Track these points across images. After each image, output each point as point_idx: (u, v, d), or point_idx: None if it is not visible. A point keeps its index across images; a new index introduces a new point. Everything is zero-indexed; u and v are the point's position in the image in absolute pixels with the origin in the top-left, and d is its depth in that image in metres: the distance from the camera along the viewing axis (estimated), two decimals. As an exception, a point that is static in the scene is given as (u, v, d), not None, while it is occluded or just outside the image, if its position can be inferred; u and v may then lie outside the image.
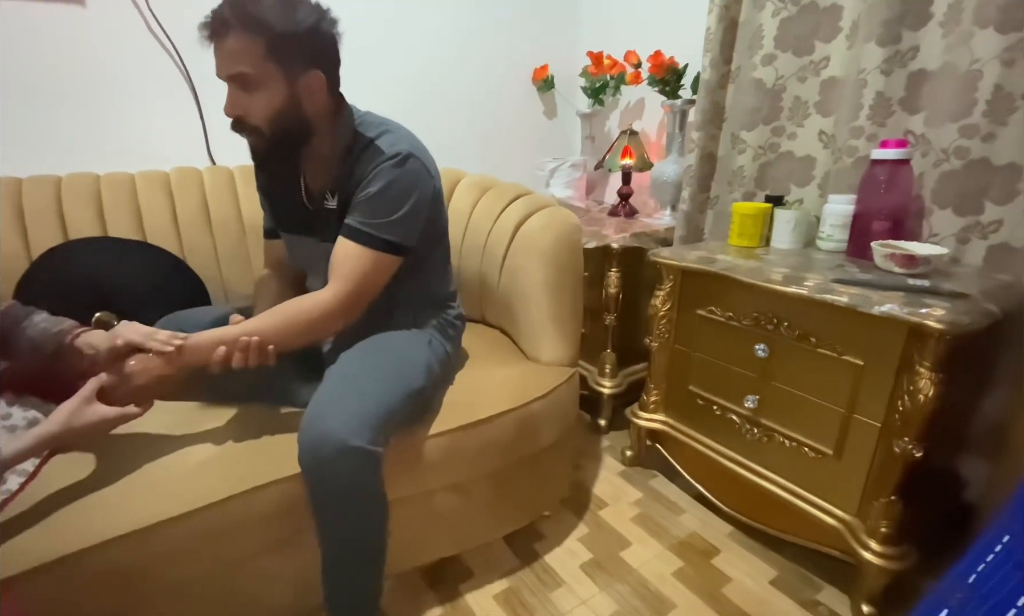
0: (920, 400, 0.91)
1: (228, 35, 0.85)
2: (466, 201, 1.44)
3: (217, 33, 0.86)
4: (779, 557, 1.24)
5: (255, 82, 0.88)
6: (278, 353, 0.90)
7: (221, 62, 0.88)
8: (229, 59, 0.87)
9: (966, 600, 0.48)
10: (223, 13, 0.85)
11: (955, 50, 1.11)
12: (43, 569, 0.74)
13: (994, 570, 0.51)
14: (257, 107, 0.89)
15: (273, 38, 0.86)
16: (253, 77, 0.87)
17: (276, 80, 0.89)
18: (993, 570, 0.51)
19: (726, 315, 1.22)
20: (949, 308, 0.89)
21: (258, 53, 0.86)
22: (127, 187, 1.33)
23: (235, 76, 0.88)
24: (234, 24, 0.84)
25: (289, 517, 0.90)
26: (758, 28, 1.37)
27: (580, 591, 1.17)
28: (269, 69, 0.87)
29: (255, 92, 0.88)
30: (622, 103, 2.08)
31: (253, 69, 0.87)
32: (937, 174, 1.16)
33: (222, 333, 0.89)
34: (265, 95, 0.89)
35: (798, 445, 1.13)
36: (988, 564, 0.52)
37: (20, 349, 0.86)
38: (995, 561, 0.52)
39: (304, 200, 1.04)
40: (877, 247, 1.10)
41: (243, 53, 0.86)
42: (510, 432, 1.10)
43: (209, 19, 0.86)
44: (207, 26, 0.87)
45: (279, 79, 0.89)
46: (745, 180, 1.48)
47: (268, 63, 0.87)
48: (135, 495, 0.84)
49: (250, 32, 0.85)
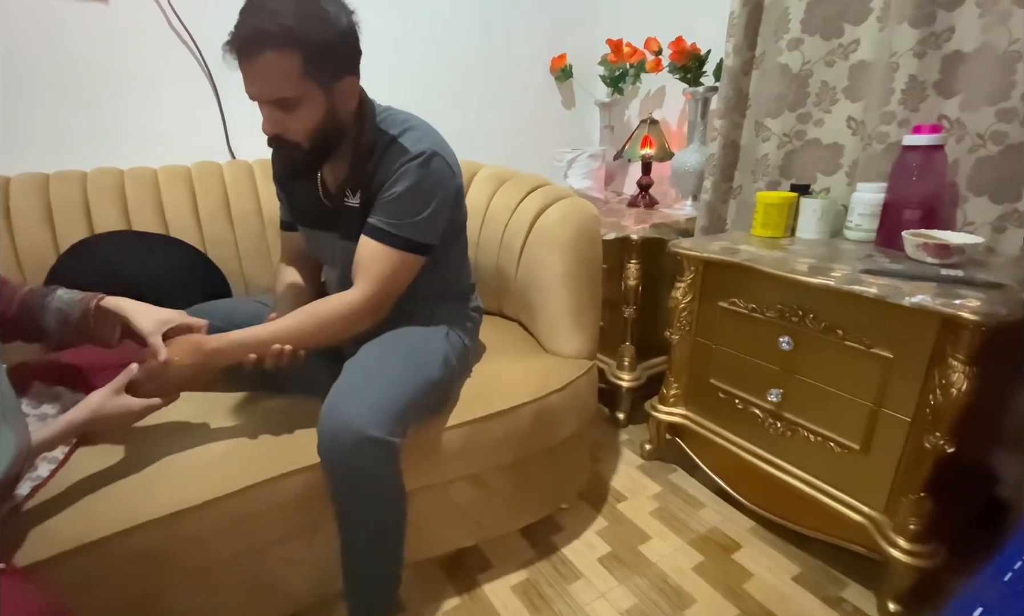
0: (953, 394, 0.88)
1: (261, 54, 0.79)
2: (483, 193, 1.43)
3: (247, 51, 0.80)
4: (802, 553, 1.21)
5: (294, 103, 0.84)
6: None
7: (255, 84, 0.83)
8: (265, 82, 0.82)
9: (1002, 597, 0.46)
10: (252, 30, 0.79)
11: (992, 30, 1.06)
12: (73, 553, 0.76)
13: (1033, 570, 0.49)
14: (297, 124, 0.86)
15: (311, 53, 0.81)
16: (292, 98, 0.83)
17: (315, 95, 0.85)
18: (1032, 570, 0.49)
19: (749, 307, 1.19)
20: (984, 299, 0.86)
21: (295, 72, 0.81)
22: (150, 181, 1.35)
23: (273, 100, 0.84)
24: (268, 43, 0.79)
25: (310, 506, 0.92)
26: (784, 11, 1.33)
27: (599, 584, 1.16)
28: (308, 86, 0.83)
29: (294, 111, 0.85)
30: (642, 92, 2.05)
31: (292, 90, 0.82)
32: (972, 160, 1.12)
33: (254, 337, 0.89)
34: (305, 111, 0.85)
35: (823, 440, 1.11)
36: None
37: (48, 322, 0.87)
38: (1033, 561, 0.50)
39: (321, 196, 1.03)
40: (908, 236, 1.06)
41: (280, 75, 0.81)
42: (528, 424, 1.09)
43: (234, 38, 0.80)
44: (233, 45, 0.81)
45: (318, 93, 0.85)
46: (769, 169, 1.44)
47: (306, 80, 0.83)
48: (161, 482, 0.85)
49: (286, 50, 0.80)
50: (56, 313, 0.87)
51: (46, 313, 0.87)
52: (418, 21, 1.78)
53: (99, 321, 0.88)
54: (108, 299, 0.89)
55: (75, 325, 0.87)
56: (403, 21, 1.75)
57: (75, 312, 0.87)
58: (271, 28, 0.78)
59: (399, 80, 1.73)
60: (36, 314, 0.87)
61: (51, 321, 0.87)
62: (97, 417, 0.79)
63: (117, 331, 0.90)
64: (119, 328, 0.90)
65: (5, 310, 0.86)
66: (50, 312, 0.87)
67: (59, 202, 1.24)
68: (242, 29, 0.80)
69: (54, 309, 0.87)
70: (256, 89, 0.83)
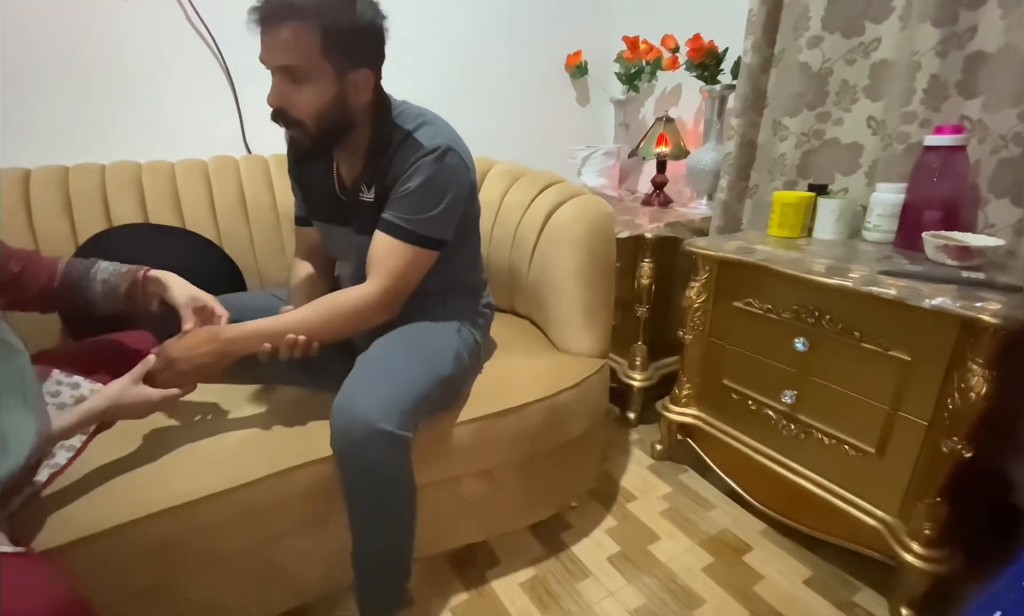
0: (971, 398, 0.87)
1: (283, 24, 0.81)
2: (497, 189, 1.43)
3: (271, 19, 0.82)
4: (814, 556, 1.20)
5: (304, 76, 0.85)
6: None
7: (270, 50, 0.84)
8: (281, 49, 0.83)
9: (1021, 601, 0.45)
10: (278, 2, 0.81)
11: (1015, 31, 1.04)
12: (90, 539, 0.77)
13: (1053, 577, 0.48)
14: (303, 101, 0.87)
15: (331, 32, 0.82)
16: (303, 71, 0.84)
17: (327, 76, 0.86)
18: (1052, 577, 0.48)
19: (764, 307, 1.18)
20: (1005, 302, 0.85)
21: (313, 47, 0.83)
22: (167, 175, 1.37)
23: (285, 68, 0.85)
24: (291, 12, 0.81)
25: (322, 498, 0.92)
26: (804, 8, 1.31)
27: (607, 583, 1.16)
28: (321, 64, 0.84)
29: (303, 85, 0.85)
30: (658, 89, 2.04)
31: (305, 63, 0.84)
32: (995, 162, 1.10)
33: (269, 327, 0.90)
34: (313, 90, 0.86)
35: (838, 442, 1.09)
36: (1047, 571, 0.49)
37: (94, 293, 0.92)
38: (1054, 568, 0.49)
39: (336, 190, 1.03)
40: (929, 238, 1.04)
41: (297, 45, 0.82)
42: (538, 422, 1.09)
43: (263, 5, 0.82)
44: (259, 10, 0.82)
45: (330, 75, 0.86)
46: (787, 168, 1.43)
47: (321, 58, 0.84)
48: (177, 472, 0.86)
49: (307, 23, 0.81)
50: (103, 284, 0.93)
51: (92, 284, 0.92)
52: (433, 17, 1.78)
53: (144, 291, 0.95)
54: (153, 270, 0.95)
55: (123, 296, 0.93)
56: (419, 17, 1.75)
57: (124, 283, 0.93)
58: (299, 1, 0.80)
59: (414, 75, 1.73)
60: (83, 285, 0.92)
61: (97, 292, 0.92)
62: (116, 406, 0.80)
63: (155, 302, 0.96)
64: (157, 299, 0.96)
65: (48, 283, 0.90)
66: (96, 283, 0.93)
67: (78, 194, 1.26)
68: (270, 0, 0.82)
69: (100, 281, 0.93)
70: (270, 54, 0.85)
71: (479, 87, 1.92)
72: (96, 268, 0.94)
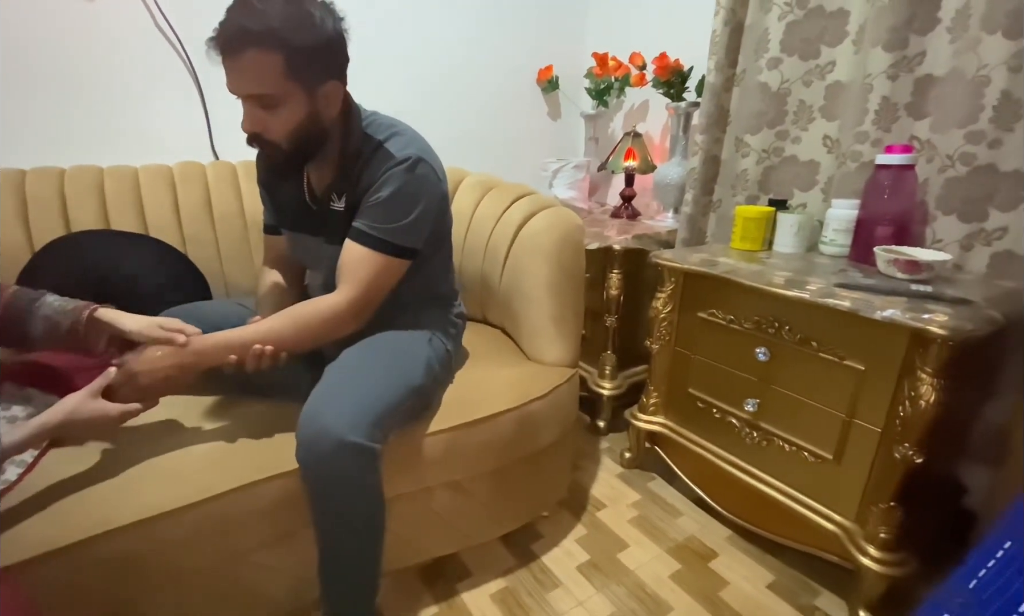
0: (921, 406, 0.91)
1: (244, 52, 0.80)
2: (469, 200, 1.44)
3: (230, 49, 0.80)
4: (777, 562, 1.23)
5: (275, 101, 0.84)
6: None
7: (236, 80, 0.83)
8: (246, 78, 0.82)
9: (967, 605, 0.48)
10: (237, 28, 0.79)
11: (963, 56, 1.10)
12: (46, 557, 0.74)
13: (996, 576, 0.51)
14: (277, 124, 0.86)
15: (294, 55, 0.81)
16: (272, 97, 0.84)
17: (297, 97, 0.85)
18: (995, 576, 0.51)
19: (727, 318, 1.22)
20: (952, 314, 0.89)
21: (278, 72, 0.82)
22: (130, 180, 1.33)
23: (254, 96, 0.84)
24: (250, 41, 0.79)
25: (289, 512, 0.91)
26: (764, 31, 1.37)
27: (577, 592, 1.17)
28: (290, 87, 0.84)
29: (275, 110, 0.85)
30: (626, 105, 2.08)
31: (273, 89, 0.83)
32: (942, 180, 1.16)
33: (236, 338, 0.89)
34: (286, 112, 0.85)
35: (798, 449, 1.13)
36: (989, 569, 0.51)
37: (35, 329, 0.84)
38: (996, 567, 0.52)
39: (307, 200, 1.03)
40: (880, 252, 1.09)
41: (262, 73, 0.81)
42: (509, 431, 1.10)
43: (219, 34, 0.81)
44: (217, 42, 0.81)
45: (300, 95, 0.85)
46: (748, 184, 1.48)
47: (288, 81, 0.83)
48: (138, 486, 0.84)
49: (268, 50, 0.80)
50: (44, 321, 0.84)
51: (33, 319, 0.84)
52: (407, 29, 1.78)
53: (88, 331, 0.86)
54: (101, 310, 0.87)
55: (64, 334, 0.85)
56: (392, 29, 1.75)
57: (66, 321, 0.85)
58: (255, 27, 0.79)
59: (387, 87, 1.73)
60: (22, 318, 0.84)
61: (38, 328, 0.84)
62: (71, 421, 0.77)
63: (103, 341, 0.88)
64: (106, 338, 0.88)
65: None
66: (37, 319, 0.84)
67: (35, 199, 1.22)
68: (227, 26, 0.80)
69: (42, 316, 0.84)
70: (236, 85, 0.84)
71: (453, 100, 1.94)
72: (41, 302, 0.86)
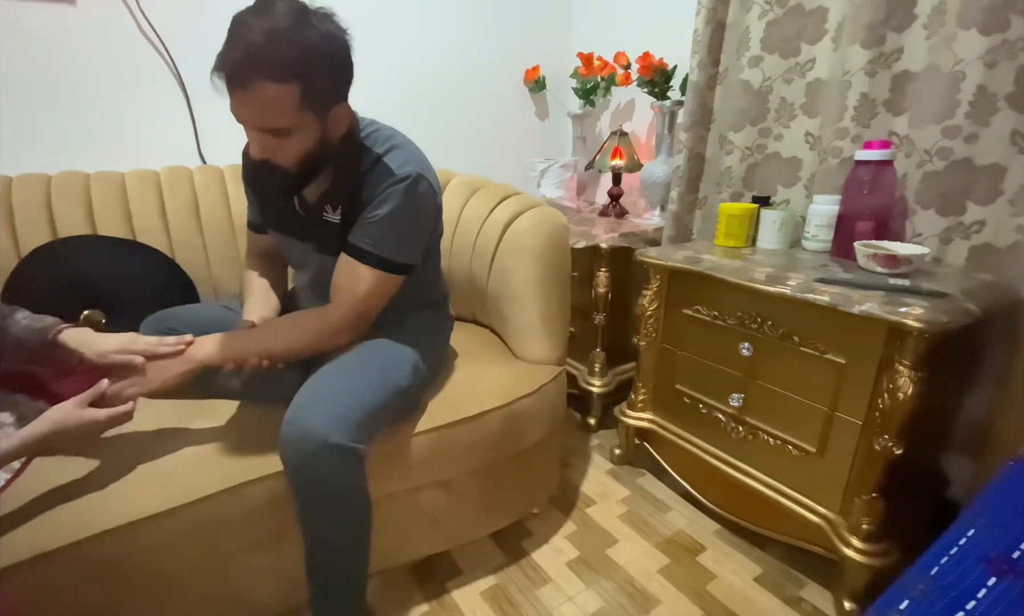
0: (900, 398, 0.92)
1: (255, 83, 0.76)
2: (456, 201, 1.44)
3: (239, 81, 0.76)
4: (764, 555, 1.25)
5: (287, 131, 0.82)
6: None
7: (245, 113, 0.80)
8: (258, 112, 0.79)
9: (928, 591, 0.49)
10: (247, 56, 0.75)
11: (939, 51, 1.12)
12: (32, 562, 0.75)
13: (958, 562, 0.52)
14: (287, 151, 0.85)
15: (309, 85, 0.79)
16: (286, 128, 0.81)
17: (310, 124, 0.83)
18: (957, 562, 0.52)
19: (712, 314, 1.23)
20: (928, 307, 0.90)
21: (292, 103, 0.79)
22: (117, 186, 1.34)
23: (266, 129, 0.82)
24: (263, 73, 0.75)
25: (275, 513, 0.91)
26: (745, 30, 1.38)
27: (566, 588, 1.18)
28: (303, 117, 0.81)
29: (287, 138, 0.83)
30: (613, 104, 2.10)
31: (288, 123, 0.80)
32: (920, 175, 1.17)
33: (234, 350, 0.91)
34: (298, 139, 0.84)
35: (782, 443, 1.14)
36: (951, 556, 0.53)
37: (4, 346, 0.85)
38: (959, 553, 0.53)
39: (298, 207, 1.01)
40: (860, 247, 1.11)
41: (276, 106, 0.78)
42: (497, 429, 1.11)
43: (225, 61, 0.76)
44: (224, 71, 0.76)
45: (312, 122, 0.83)
46: (733, 181, 1.49)
47: (303, 112, 0.81)
48: (123, 491, 0.84)
49: (284, 81, 0.77)
50: (13, 339, 0.85)
51: (3, 336, 0.85)
52: (393, 32, 1.79)
53: (57, 349, 0.86)
54: (67, 333, 0.87)
55: (31, 353, 0.86)
56: (379, 31, 1.76)
57: (32, 342, 0.85)
58: (270, 57, 0.75)
59: (374, 88, 1.73)
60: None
61: (8, 345, 0.85)
62: (59, 431, 0.77)
63: (76, 358, 0.88)
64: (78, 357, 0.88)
65: None
66: (8, 337, 0.85)
67: (21, 206, 1.22)
68: (234, 53, 0.75)
69: (11, 334, 0.85)
70: (246, 117, 0.81)
71: (440, 100, 1.94)
72: (12, 320, 0.86)
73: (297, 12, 0.77)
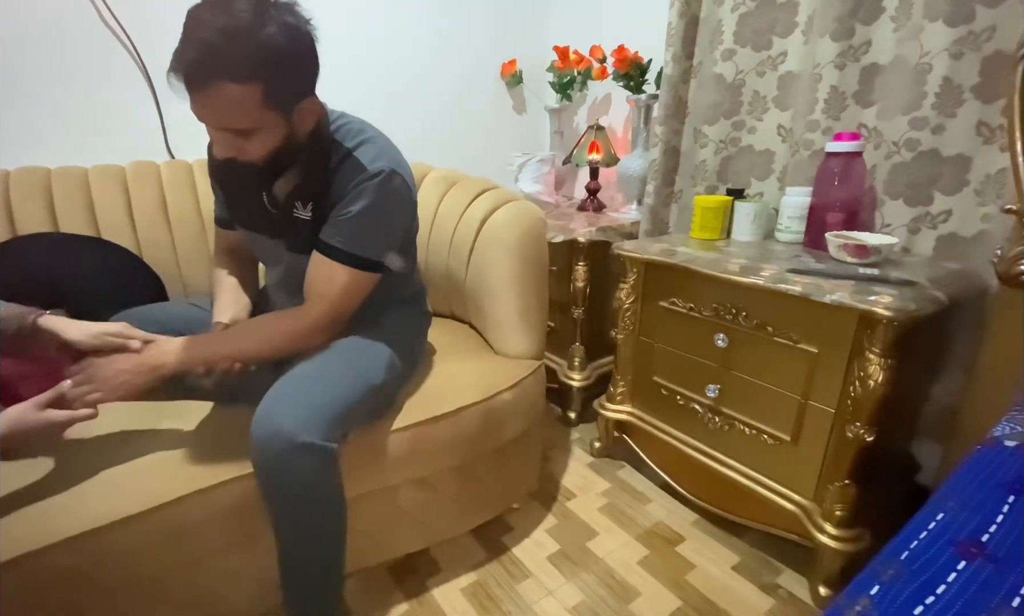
0: (870, 385, 0.94)
1: (214, 85, 0.72)
2: (433, 195, 1.43)
3: (198, 81, 0.73)
4: (741, 543, 1.26)
5: (251, 131, 0.79)
6: None
7: (206, 114, 0.77)
8: (219, 113, 0.76)
9: (897, 576, 0.49)
10: (204, 56, 0.71)
11: (906, 44, 1.14)
12: (-5, 570, 0.72)
13: (927, 546, 0.53)
14: (252, 148, 0.82)
15: (272, 84, 0.76)
16: (249, 128, 0.78)
17: (274, 122, 0.80)
18: (926, 546, 0.53)
19: (687, 306, 1.24)
20: (897, 295, 0.92)
21: (255, 104, 0.76)
22: (80, 182, 1.29)
23: (229, 129, 0.79)
24: (222, 73, 0.72)
25: (248, 515, 0.89)
26: (718, 23, 1.39)
27: (547, 582, 1.18)
28: (267, 116, 0.79)
29: (251, 137, 0.80)
30: (589, 98, 2.09)
31: (250, 123, 0.78)
32: (889, 166, 1.19)
33: (205, 354, 0.89)
34: (263, 137, 0.81)
35: (757, 432, 1.16)
36: (921, 541, 0.53)
37: None
38: (928, 538, 0.54)
39: (267, 203, 0.98)
40: (831, 238, 1.12)
41: (237, 107, 0.75)
42: (476, 425, 1.10)
43: (180, 61, 0.72)
44: (180, 71, 0.72)
45: (277, 120, 0.81)
46: (707, 174, 1.50)
47: (267, 111, 0.78)
48: (91, 494, 0.82)
49: (245, 82, 0.73)
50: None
51: None
52: (369, 24, 1.76)
53: (34, 337, 0.84)
54: (44, 318, 0.85)
55: (8, 340, 0.83)
56: (354, 24, 1.73)
57: (9, 328, 0.82)
58: (227, 56, 0.71)
59: (349, 81, 1.71)
60: None
61: None
62: (14, 432, 0.75)
63: (53, 348, 0.86)
64: (55, 345, 0.86)
65: None
66: None
67: (-23, 204, 1.18)
68: (191, 52, 0.72)
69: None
70: (208, 118, 0.78)
71: (416, 94, 1.92)
72: None
73: (256, 6, 0.74)
